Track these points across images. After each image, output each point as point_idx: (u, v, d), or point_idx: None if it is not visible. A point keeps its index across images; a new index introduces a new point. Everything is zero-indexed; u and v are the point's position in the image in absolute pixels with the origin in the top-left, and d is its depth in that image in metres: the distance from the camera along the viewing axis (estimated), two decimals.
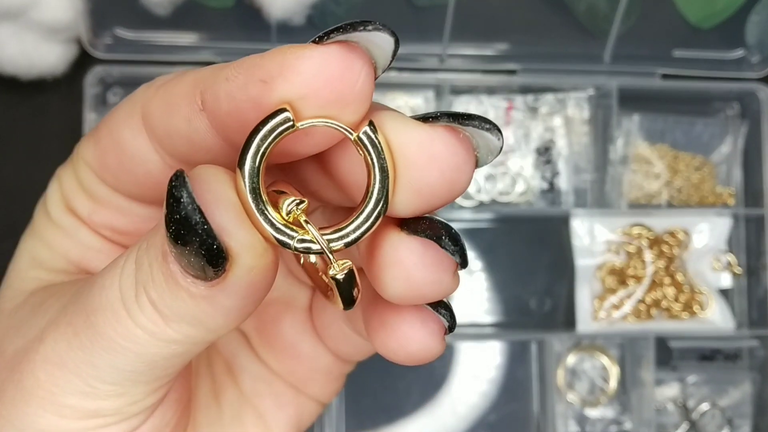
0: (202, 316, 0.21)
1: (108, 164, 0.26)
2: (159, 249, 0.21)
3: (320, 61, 0.20)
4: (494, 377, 0.69)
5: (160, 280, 0.21)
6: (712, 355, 0.70)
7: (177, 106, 0.23)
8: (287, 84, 0.20)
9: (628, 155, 0.69)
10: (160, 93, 0.24)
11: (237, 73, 0.21)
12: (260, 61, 0.20)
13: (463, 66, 0.68)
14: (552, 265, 0.70)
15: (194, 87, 0.22)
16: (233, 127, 0.21)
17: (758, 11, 0.68)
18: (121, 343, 0.22)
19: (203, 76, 0.22)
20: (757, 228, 0.70)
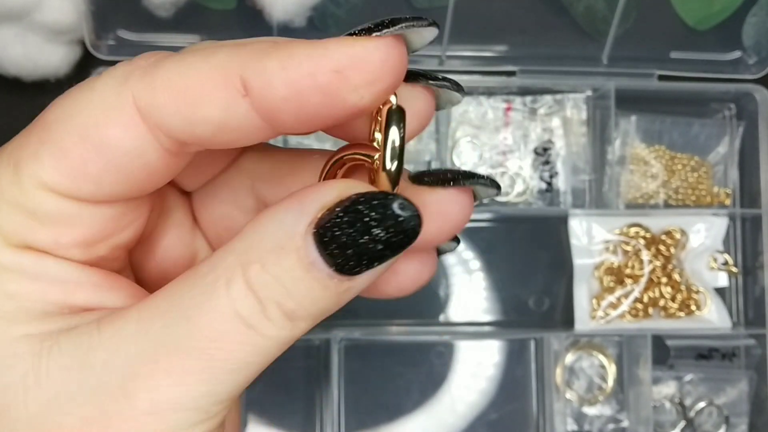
0: (335, 307, 0.24)
1: (88, 172, 0.23)
2: (300, 263, 0.22)
3: (386, 53, 0.22)
4: (493, 375, 0.69)
5: (301, 289, 0.22)
6: (709, 353, 0.70)
7: (207, 95, 0.22)
8: (360, 74, 0.22)
9: (625, 156, 0.70)
10: (168, 83, 0.23)
11: (298, 61, 0.22)
12: (325, 51, 0.22)
13: (462, 67, 0.69)
14: (550, 264, 0.70)
15: (228, 72, 0.22)
16: (287, 111, 0.22)
17: (755, 13, 0.68)
18: (249, 360, 0.22)
19: (239, 59, 0.22)
20: (754, 228, 0.70)
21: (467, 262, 0.69)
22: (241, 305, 0.22)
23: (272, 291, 0.22)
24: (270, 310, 0.22)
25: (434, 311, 0.69)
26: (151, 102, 0.22)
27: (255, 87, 0.22)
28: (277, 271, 0.22)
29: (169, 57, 0.23)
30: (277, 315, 0.22)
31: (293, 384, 0.67)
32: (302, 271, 0.22)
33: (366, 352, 0.68)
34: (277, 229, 0.22)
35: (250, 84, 0.22)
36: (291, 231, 0.22)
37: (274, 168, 0.28)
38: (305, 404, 0.67)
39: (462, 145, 0.69)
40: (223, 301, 0.22)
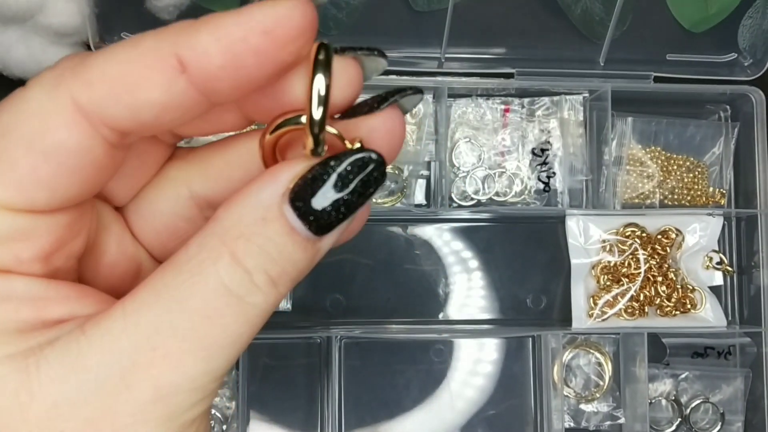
0: (309, 268, 0.25)
1: (40, 180, 0.23)
2: (283, 229, 0.24)
3: (302, 9, 0.23)
4: (491, 373, 0.70)
5: (284, 254, 0.24)
6: (704, 351, 0.71)
7: (146, 78, 0.23)
8: (286, 31, 0.23)
9: (622, 156, 0.70)
10: (104, 74, 0.23)
11: (229, 29, 0.23)
12: (252, 16, 0.23)
13: (460, 69, 0.69)
14: (548, 263, 0.71)
15: (162, 52, 0.23)
16: (224, 78, 0.23)
17: (750, 15, 0.68)
18: (241, 330, 0.24)
19: (169, 38, 0.23)
20: (749, 228, 0.71)
21: (466, 261, 0.70)
22: (229, 279, 0.23)
23: (258, 259, 0.23)
24: (257, 278, 0.23)
25: (433, 310, 0.70)
26: (91, 96, 0.23)
27: (192, 61, 0.23)
28: (261, 241, 0.23)
29: (97, 52, 0.24)
30: (264, 281, 0.24)
31: (294, 381, 0.67)
32: (285, 236, 0.24)
33: (366, 349, 0.68)
34: (255, 204, 0.24)
35: (186, 59, 0.23)
36: (270, 203, 0.24)
37: (205, 167, 0.29)
38: (306, 401, 0.67)
39: (461, 146, 0.69)
40: (212, 278, 0.23)
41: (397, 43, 0.68)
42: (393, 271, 0.69)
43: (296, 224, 0.24)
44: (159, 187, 0.29)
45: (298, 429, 0.67)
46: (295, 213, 0.24)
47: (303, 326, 0.67)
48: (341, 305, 0.68)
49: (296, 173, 0.24)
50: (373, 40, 0.67)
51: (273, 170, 0.24)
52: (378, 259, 0.69)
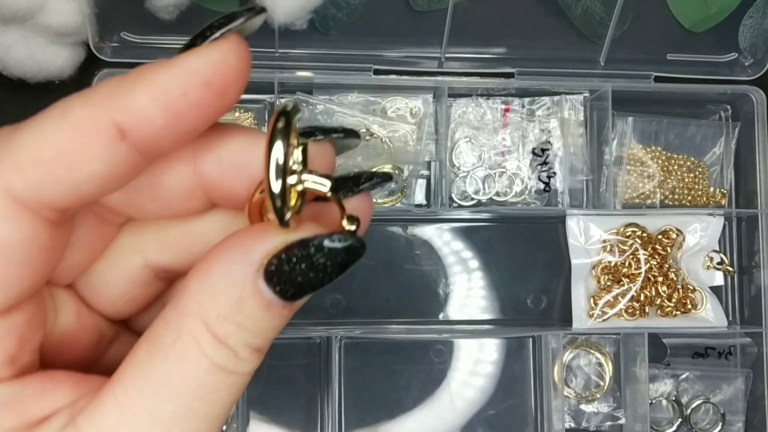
0: (284, 325, 0.25)
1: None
2: (259, 306, 0.23)
3: (237, 53, 0.23)
4: (492, 373, 0.69)
5: (263, 326, 0.24)
6: (705, 351, 0.71)
7: (82, 153, 0.22)
8: (225, 78, 0.22)
9: (622, 156, 0.70)
10: (37, 157, 0.22)
11: (165, 87, 0.22)
12: (188, 69, 0.22)
13: (461, 69, 0.69)
14: (548, 263, 0.71)
15: (98, 122, 0.22)
16: (167, 136, 0.23)
17: (751, 15, 0.68)
18: (234, 398, 0.24)
19: (102, 105, 0.22)
20: (749, 228, 0.71)
21: (466, 261, 0.70)
22: (217, 357, 0.23)
23: (240, 337, 0.23)
24: (241, 353, 0.23)
25: (433, 310, 0.70)
26: (27, 183, 0.22)
27: (131, 126, 0.22)
28: (239, 319, 0.23)
29: (20, 130, 0.22)
30: (248, 354, 0.24)
31: (294, 382, 0.67)
32: (262, 311, 0.23)
33: (366, 350, 0.68)
34: (228, 282, 0.23)
35: (125, 125, 0.22)
36: (244, 280, 0.23)
37: (161, 236, 0.27)
38: (306, 402, 0.67)
39: (461, 146, 0.69)
40: (200, 360, 0.23)
41: (397, 42, 0.68)
42: (393, 271, 0.69)
43: (272, 298, 0.23)
44: (110, 258, 0.27)
45: (298, 429, 0.67)
46: (270, 289, 0.23)
47: (303, 326, 0.67)
48: (341, 305, 0.68)
49: (270, 250, 0.23)
50: (373, 39, 0.67)
51: (244, 242, 0.23)
52: (378, 259, 0.69)
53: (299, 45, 0.67)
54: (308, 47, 0.67)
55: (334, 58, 0.67)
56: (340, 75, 0.67)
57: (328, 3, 0.65)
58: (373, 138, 0.68)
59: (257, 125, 0.68)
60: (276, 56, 0.67)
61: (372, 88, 0.69)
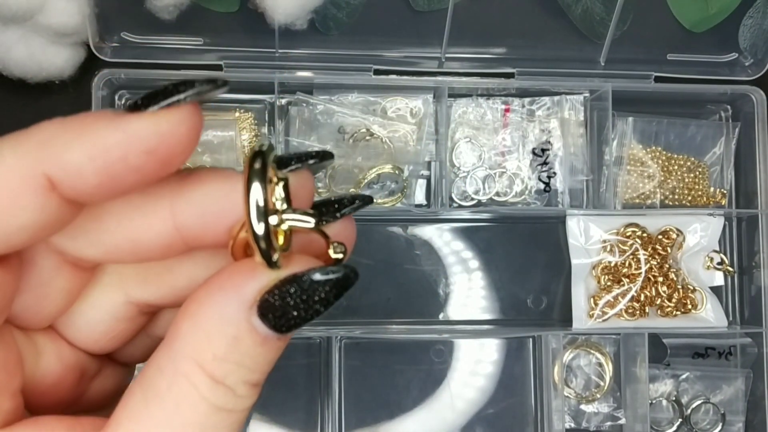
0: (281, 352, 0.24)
1: None
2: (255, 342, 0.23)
3: (190, 125, 0.22)
4: (492, 373, 0.69)
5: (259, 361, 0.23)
6: (705, 352, 0.71)
7: (13, 204, 0.21)
8: (171, 149, 0.22)
9: (622, 157, 0.70)
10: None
11: (105, 149, 0.21)
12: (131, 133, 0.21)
13: (461, 69, 0.69)
14: (548, 263, 0.71)
15: (29, 172, 0.21)
16: (100, 194, 0.22)
17: (751, 15, 0.68)
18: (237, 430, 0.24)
19: (34, 155, 0.21)
20: (749, 228, 0.71)
21: (466, 262, 0.70)
22: (215, 398, 0.23)
23: (237, 375, 0.23)
24: (240, 390, 0.23)
25: (434, 310, 0.70)
26: None
27: (63, 181, 0.21)
28: (236, 358, 0.23)
29: None
30: (246, 390, 0.23)
31: (294, 382, 0.67)
32: (258, 347, 0.23)
33: (366, 350, 0.68)
34: (222, 322, 0.23)
35: (58, 179, 0.21)
36: (238, 319, 0.23)
37: (143, 273, 0.27)
38: (306, 402, 0.67)
39: (461, 146, 0.69)
40: (199, 403, 0.23)
41: (397, 43, 0.68)
42: (393, 271, 0.69)
43: (267, 334, 0.23)
44: (91, 296, 0.27)
45: (298, 429, 0.67)
46: (265, 325, 0.23)
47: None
48: (341, 305, 0.68)
49: (262, 287, 0.23)
50: (373, 40, 0.67)
51: (235, 281, 0.23)
52: (378, 259, 0.69)
53: (299, 45, 0.67)
54: (308, 47, 0.67)
55: (335, 58, 0.67)
56: (340, 75, 0.67)
57: (329, 3, 0.65)
58: (374, 138, 0.68)
59: (257, 125, 0.68)
60: (276, 56, 0.67)
61: (372, 88, 0.69)
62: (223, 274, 0.23)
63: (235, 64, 0.66)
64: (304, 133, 0.68)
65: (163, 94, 0.22)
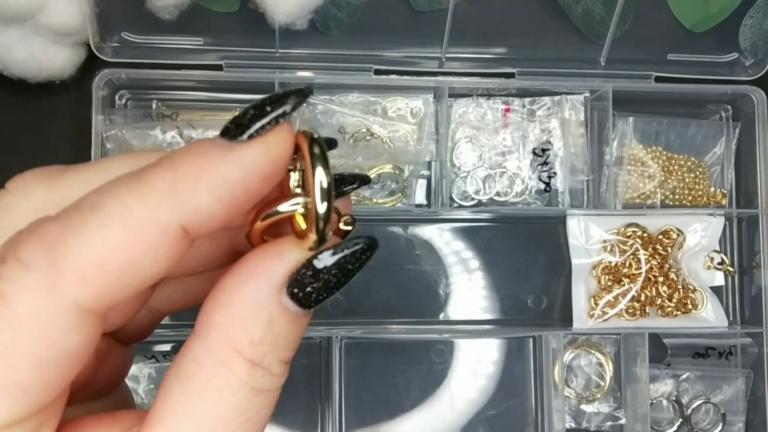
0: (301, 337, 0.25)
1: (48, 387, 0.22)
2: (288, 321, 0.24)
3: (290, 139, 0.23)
4: (492, 373, 0.69)
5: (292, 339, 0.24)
6: (705, 352, 0.71)
7: (149, 257, 0.22)
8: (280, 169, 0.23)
9: (623, 156, 0.70)
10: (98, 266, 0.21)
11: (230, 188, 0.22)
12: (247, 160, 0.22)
13: (461, 69, 0.69)
14: (548, 263, 0.71)
15: (162, 224, 0.21)
16: (223, 225, 0.23)
17: (752, 15, 0.68)
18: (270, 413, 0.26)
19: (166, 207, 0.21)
20: (750, 228, 0.71)
21: (466, 261, 0.70)
22: (254, 381, 0.24)
23: (273, 355, 0.24)
24: (275, 368, 0.24)
25: (434, 310, 0.70)
26: (94, 295, 0.21)
27: (196, 228, 0.22)
28: (271, 339, 0.24)
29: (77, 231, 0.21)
30: (281, 368, 0.25)
31: (295, 381, 0.67)
32: (290, 325, 0.24)
33: (367, 350, 0.68)
34: (256, 307, 0.23)
35: (191, 226, 0.22)
36: (270, 302, 0.23)
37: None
38: (306, 402, 0.67)
39: (461, 146, 0.69)
40: (240, 389, 0.24)
41: (397, 42, 0.68)
42: (393, 271, 0.69)
43: (298, 312, 0.24)
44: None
45: (299, 429, 0.67)
46: (294, 303, 0.24)
47: None
48: (341, 305, 0.68)
49: (291, 265, 0.23)
50: (373, 39, 0.68)
51: (263, 265, 0.23)
52: (378, 259, 0.69)
53: (300, 45, 0.67)
54: (309, 47, 0.67)
55: (335, 58, 0.67)
56: (340, 75, 0.67)
57: (329, 3, 0.65)
58: (374, 138, 0.68)
59: None
60: (276, 56, 0.67)
61: (372, 88, 0.69)
62: (250, 262, 0.23)
63: (235, 64, 0.66)
64: None
65: (260, 115, 0.22)
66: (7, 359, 0.21)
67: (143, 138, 0.65)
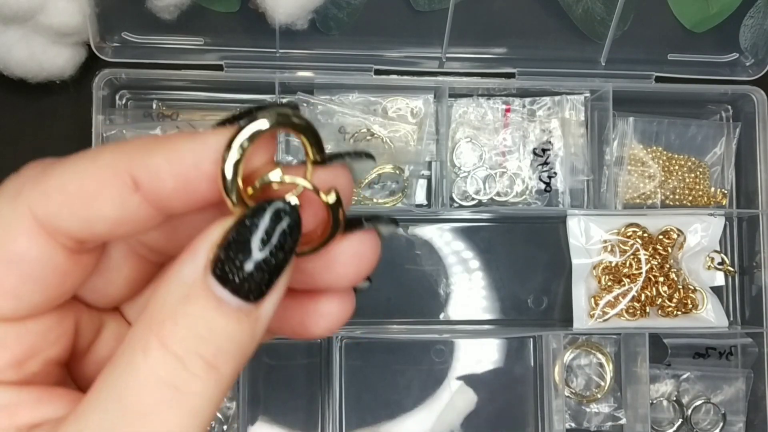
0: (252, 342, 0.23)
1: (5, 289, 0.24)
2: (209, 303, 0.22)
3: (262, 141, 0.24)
4: (492, 373, 0.69)
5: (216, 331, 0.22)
6: (706, 352, 0.71)
7: (100, 194, 0.23)
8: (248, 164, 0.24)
9: (623, 157, 0.70)
10: (61, 188, 0.23)
11: (181, 155, 0.23)
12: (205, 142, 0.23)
13: (461, 69, 0.69)
14: (549, 263, 0.71)
15: (117, 170, 0.23)
16: (177, 199, 0.24)
17: (752, 15, 0.68)
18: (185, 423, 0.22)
19: (125, 156, 0.23)
20: (750, 228, 0.71)
21: (467, 261, 0.70)
22: (161, 369, 0.22)
23: (189, 343, 0.22)
24: (191, 364, 0.22)
25: (434, 310, 0.70)
26: (47, 209, 0.23)
27: (144, 182, 0.23)
28: (188, 322, 0.22)
29: (57, 163, 0.24)
30: (200, 366, 0.22)
31: (295, 381, 0.67)
32: (213, 311, 0.22)
33: (367, 350, 0.68)
34: (177, 284, 0.22)
35: (140, 180, 0.23)
36: (192, 278, 0.22)
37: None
38: (307, 401, 0.67)
39: (462, 146, 0.69)
40: (143, 370, 0.22)
41: (397, 42, 0.68)
42: (394, 271, 0.69)
43: (223, 295, 0.22)
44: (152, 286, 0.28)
45: (299, 429, 0.67)
46: (219, 283, 0.22)
47: None
48: None
49: (213, 241, 0.22)
50: (373, 40, 0.68)
51: (191, 244, 0.23)
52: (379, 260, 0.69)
53: (300, 45, 0.67)
54: (309, 47, 0.67)
55: (335, 58, 0.67)
56: (341, 75, 0.67)
57: (329, 3, 0.65)
58: (374, 138, 0.68)
59: None
60: (277, 56, 0.67)
61: (373, 88, 0.69)
62: (190, 243, 0.23)
63: (235, 64, 0.66)
64: None
65: (243, 116, 0.24)
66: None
67: None
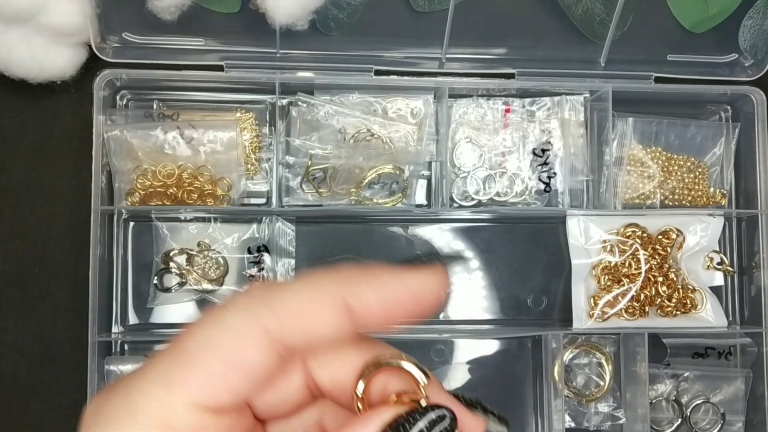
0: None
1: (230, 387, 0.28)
2: None
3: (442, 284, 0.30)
4: (492, 373, 0.70)
5: None
6: (705, 352, 0.71)
7: (319, 315, 0.28)
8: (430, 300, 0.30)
9: (622, 157, 0.70)
10: (288, 308, 0.28)
11: (387, 292, 0.29)
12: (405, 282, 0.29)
13: (461, 69, 0.69)
14: (548, 263, 0.71)
15: (335, 297, 0.29)
16: (378, 321, 0.29)
17: (751, 16, 0.69)
18: None
19: (340, 285, 0.29)
20: (749, 228, 0.71)
21: (467, 262, 0.70)
22: None
23: None
24: None
25: None
26: (276, 325, 0.28)
27: (356, 308, 0.29)
28: None
29: (281, 286, 0.30)
30: None
31: None
32: None
33: None
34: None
35: (352, 306, 0.29)
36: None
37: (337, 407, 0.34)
38: None
39: (461, 146, 0.70)
40: None
41: (397, 43, 0.68)
42: None
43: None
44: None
45: None
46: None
47: None
48: None
49: (384, 420, 0.28)
50: (374, 40, 0.68)
51: (366, 414, 0.29)
52: (378, 259, 0.69)
53: (300, 46, 0.67)
54: (309, 48, 0.67)
55: (336, 58, 0.68)
56: (341, 75, 0.67)
57: (330, 4, 0.65)
58: (374, 138, 0.68)
59: (258, 125, 0.69)
60: (277, 57, 0.67)
61: (373, 88, 0.69)
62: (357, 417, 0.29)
63: (236, 65, 0.66)
64: (305, 134, 0.68)
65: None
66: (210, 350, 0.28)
67: (144, 138, 0.65)
